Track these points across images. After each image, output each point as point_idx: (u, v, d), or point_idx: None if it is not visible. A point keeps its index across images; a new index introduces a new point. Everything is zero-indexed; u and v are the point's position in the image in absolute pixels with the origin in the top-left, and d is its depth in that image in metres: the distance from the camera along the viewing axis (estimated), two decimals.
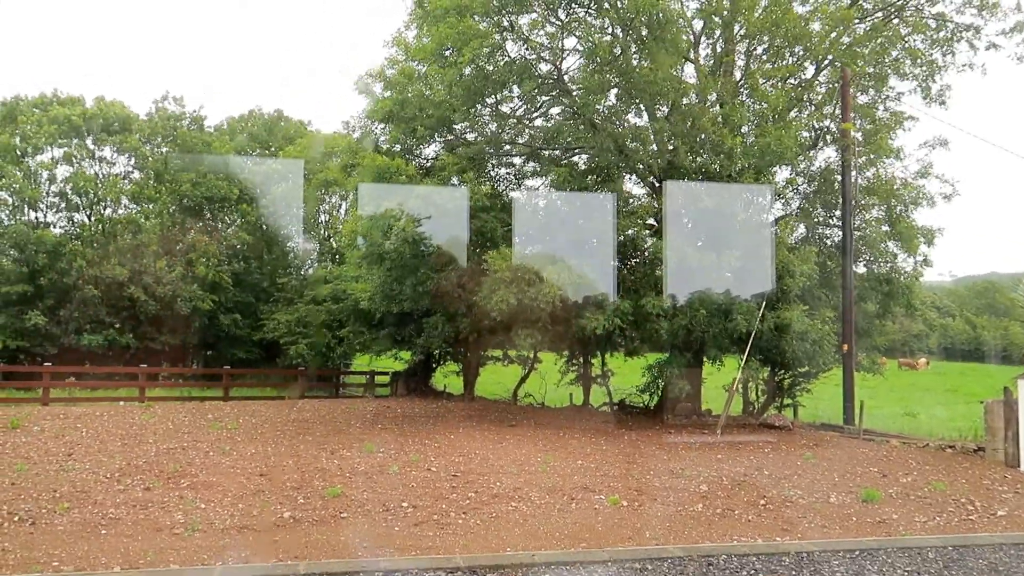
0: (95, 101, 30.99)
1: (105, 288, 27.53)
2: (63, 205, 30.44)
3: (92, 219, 30.72)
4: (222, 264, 29.38)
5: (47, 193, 30.11)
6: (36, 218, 29.92)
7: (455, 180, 17.24)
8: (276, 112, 36.12)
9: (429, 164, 18.28)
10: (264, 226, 31.53)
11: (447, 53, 16.14)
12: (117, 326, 27.77)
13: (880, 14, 18.54)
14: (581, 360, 20.64)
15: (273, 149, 33.61)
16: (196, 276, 28.44)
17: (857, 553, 7.20)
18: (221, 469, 11.01)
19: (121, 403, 20.17)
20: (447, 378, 24.60)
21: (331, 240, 33.08)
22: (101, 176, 30.91)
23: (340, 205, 32.81)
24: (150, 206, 31.11)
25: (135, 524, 7.97)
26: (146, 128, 31.41)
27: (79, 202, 30.34)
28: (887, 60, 18.26)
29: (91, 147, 30.58)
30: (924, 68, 18.40)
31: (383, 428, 16.03)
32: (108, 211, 31.12)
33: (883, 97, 19.22)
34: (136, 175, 31.76)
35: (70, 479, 10.01)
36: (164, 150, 31.36)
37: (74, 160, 30.17)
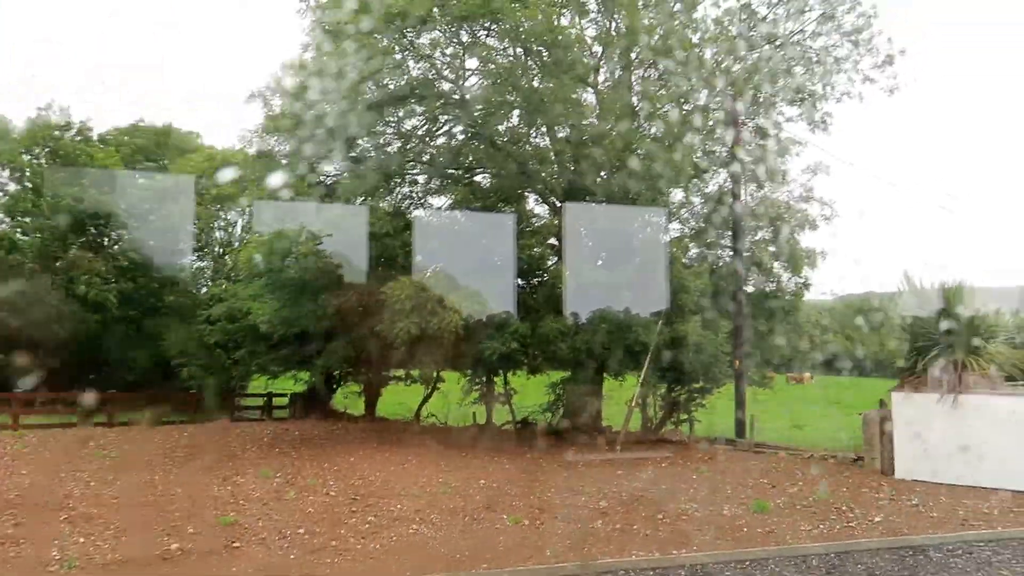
0: None
1: None
2: None
3: None
4: (107, 283, 27.84)
5: None
6: None
7: (357, 199, 17.03)
8: (165, 125, 34.69)
9: (330, 182, 17.97)
10: (153, 243, 30.12)
11: (348, 70, 15.97)
12: None
13: (767, 45, 19.58)
14: (484, 379, 20.63)
15: (163, 163, 32.23)
16: (77, 295, 26.83)
17: (748, 563, 7.47)
18: (103, 500, 10.39)
19: None
20: (348, 399, 24.08)
21: (226, 257, 31.94)
22: None
23: (236, 222, 31.77)
24: (27, 220, 29.21)
25: (4, 562, 7.41)
26: (26, 138, 29.53)
27: None
28: (774, 88, 19.29)
29: None
30: (807, 97, 19.52)
31: (280, 452, 15.53)
32: None
33: (771, 123, 20.26)
34: (12, 187, 29.77)
35: None
36: (43, 162, 29.54)
37: None
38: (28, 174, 29.45)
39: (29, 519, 9.15)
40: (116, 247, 29.96)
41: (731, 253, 18.70)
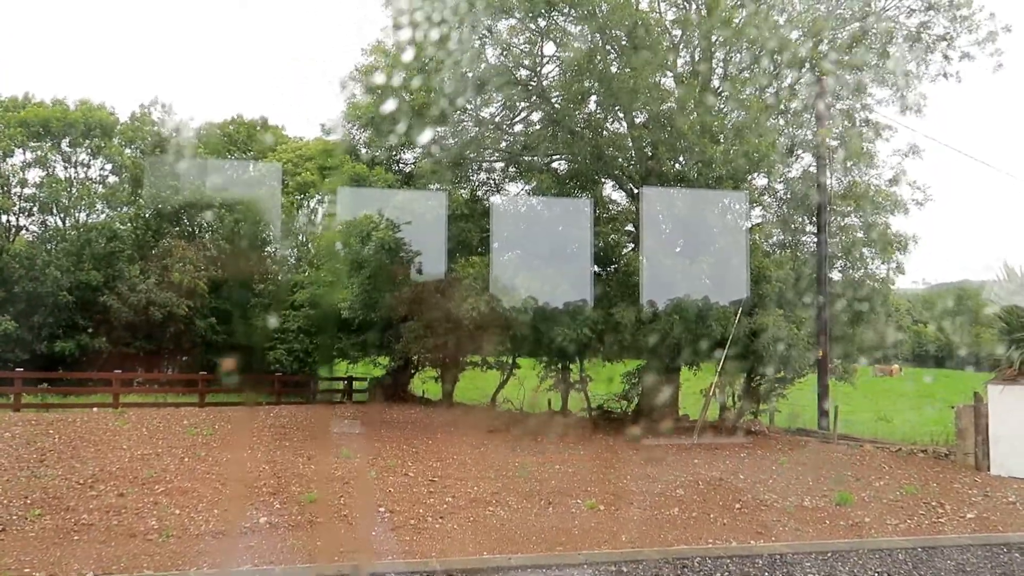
0: (78, 104, 30.60)
1: (78, 294, 27.18)
2: (35, 209, 30.01)
3: (66, 224, 30.31)
4: (199, 270, 29.09)
5: (18, 197, 29.68)
6: (7, 222, 29.50)
7: (434, 186, 17.27)
8: (261, 119, 35.88)
9: (409, 170, 18.29)
10: (241, 231, 31.29)
11: (426, 59, 16.18)
12: (90, 331, 27.39)
13: (857, 24, 18.80)
14: (559, 366, 20.66)
15: (253, 155, 33.39)
16: (171, 282, 28.11)
17: (829, 555, 7.29)
18: (196, 475, 10.91)
19: (94, 409, 19.88)
20: (425, 384, 24.53)
21: (309, 245, 32.89)
22: (76, 180, 30.51)
23: (318, 210, 32.64)
24: (126, 210, 30.75)
25: (108, 530, 7.88)
26: (127, 132, 31.07)
27: (52, 206, 29.92)
28: (864, 69, 18.52)
29: (66, 150, 30.18)
30: (900, 78, 18.67)
31: (360, 434, 15.96)
32: (82, 216, 30.71)
33: (860, 106, 19.48)
34: (112, 179, 31.39)
35: (42, 485, 9.87)
36: (140, 155, 31.00)
37: (48, 164, 29.75)
38: (127, 167, 30.92)
39: (130, 491, 9.69)
40: (207, 236, 31.24)
41: (815, 239, 18.10)
